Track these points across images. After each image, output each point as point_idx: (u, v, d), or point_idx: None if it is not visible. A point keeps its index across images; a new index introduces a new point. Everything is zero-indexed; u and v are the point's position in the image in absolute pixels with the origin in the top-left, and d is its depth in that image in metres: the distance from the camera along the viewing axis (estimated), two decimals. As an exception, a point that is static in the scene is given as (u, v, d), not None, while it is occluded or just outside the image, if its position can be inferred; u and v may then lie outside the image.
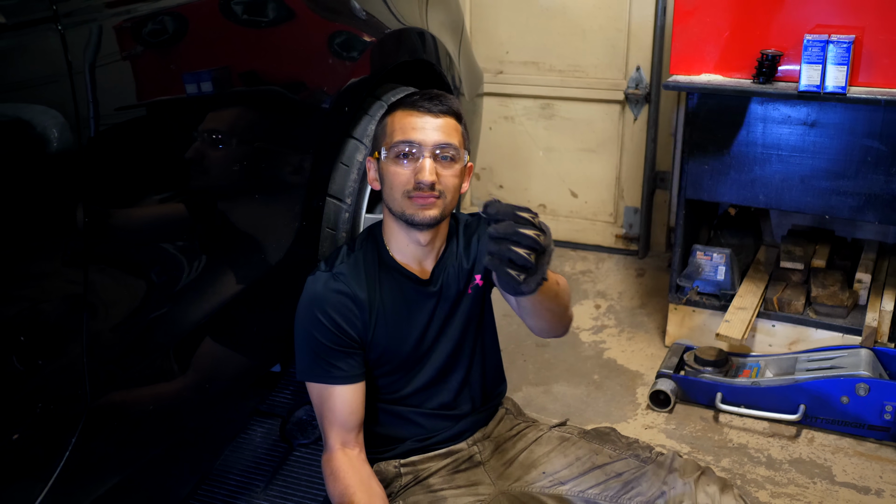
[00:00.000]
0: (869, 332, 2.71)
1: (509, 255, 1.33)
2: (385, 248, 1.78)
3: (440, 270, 1.81)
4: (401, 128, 1.69)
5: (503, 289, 1.42)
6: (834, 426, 2.62)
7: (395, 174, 1.67)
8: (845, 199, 2.69)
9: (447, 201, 1.69)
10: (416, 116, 1.69)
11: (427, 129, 1.67)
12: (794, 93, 2.60)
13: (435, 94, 1.73)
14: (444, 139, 1.67)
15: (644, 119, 3.76)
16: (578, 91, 3.85)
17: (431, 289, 1.80)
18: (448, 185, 1.67)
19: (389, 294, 1.77)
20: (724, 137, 2.79)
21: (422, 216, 1.66)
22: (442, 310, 1.81)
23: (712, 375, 2.76)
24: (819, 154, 2.68)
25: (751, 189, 2.80)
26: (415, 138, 1.66)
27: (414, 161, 1.66)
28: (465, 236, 1.86)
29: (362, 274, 1.75)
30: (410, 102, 1.72)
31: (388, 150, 1.69)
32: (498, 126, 4.07)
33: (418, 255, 1.77)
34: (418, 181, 1.64)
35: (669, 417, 2.72)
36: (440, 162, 1.66)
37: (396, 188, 1.67)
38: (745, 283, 3.04)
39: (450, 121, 1.70)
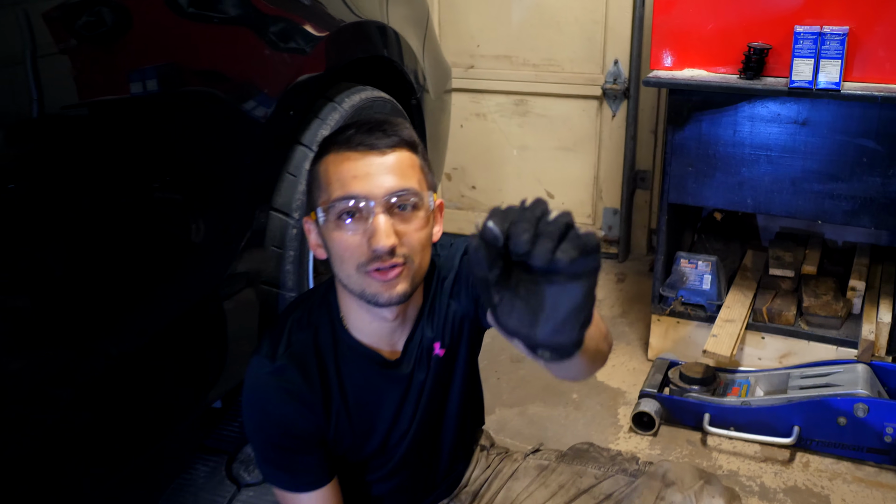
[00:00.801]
0: (866, 345, 2.52)
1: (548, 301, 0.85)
2: (342, 325, 1.44)
3: (414, 346, 1.47)
4: (338, 179, 1.30)
5: (530, 354, 0.90)
6: (830, 449, 2.44)
7: (342, 243, 1.30)
8: (839, 203, 2.50)
9: (417, 265, 1.33)
10: (356, 159, 1.30)
11: (373, 175, 1.29)
12: (784, 89, 2.41)
13: (376, 122, 1.36)
14: (399, 184, 1.29)
15: (623, 115, 3.56)
16: (554, 86, 3.65)
17: (402, 371, 1.47)
18: (414, 243, 1.31)
19: (351, 382, 1.45)
20: (708, 137, 2.59)
21: (388, 296, 1.31)
22: (414, 393, 1.49)
23: (699, 395, 2.57)
24: (811, 155, 2.49)
25: (738, 193, 2.60)
26: (358, 191, 1.28)
27: (363, 221, 1.29)
28: (441, 285, 1.50)
29: (313, 363, 1.41)
30: (345, 140, 1.33)
31: (327, 212, 1.31)
32: (469, 124, 3.86)
33: (385, 332, 1.44)
34: (374, 249, 1.27)
35: (654, 441, 2.52)
36: (398, 215, 1.30)
37: (347, 261, 1.31)
38: (733, 292, 2.85)
39: (403, 155, 1.33)
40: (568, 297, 0.83)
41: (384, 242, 1.27)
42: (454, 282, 1.50)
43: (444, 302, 1.49)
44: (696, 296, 2.81)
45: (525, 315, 0.84)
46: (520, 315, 0.84)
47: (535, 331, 0.84)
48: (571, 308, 0.83)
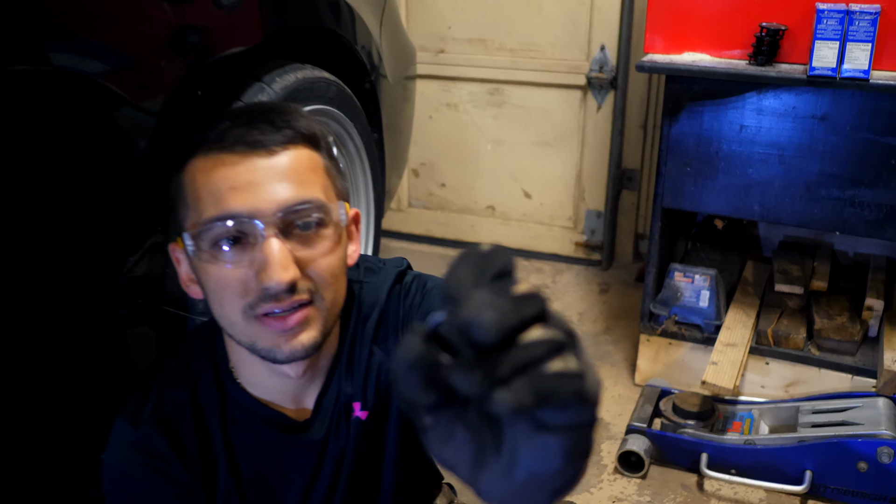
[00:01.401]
0: (889, 376, 2.18)
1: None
2: (231, 378, 1.08)
3: (328, 404, 1.10)
4: (209, 192, 0.94)
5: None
6: (848, 498, 2.09)
7: (221, 280, 0.94)
8: (861, 212, 2.15)
9: (328, 302, 0.98)
10: (234, 164, 0.94)
11: (259, 185, 0.93)
12: (803, 77, 2.05)
13: (260, 110, 1.00)
14: (297, 194, 0.94)
15: (609, 108, 3.20)
16: (533, 74, 3.28)
17: (313, 436, 1.09)
18: (322, 273, 0.96)
19: (244, 453, 1.08)
20: (710, 133, 2.23)
21: (289, 350, 0.96)
22: (330, 464, 1.11)
23: (695, 431, 2.21)
24: (830, 155, 2.13)
25: (744, 198, 2.25)
26: (239, 207, 0.92)
27: (248, 249, 0.93)
28: (361, 327, 1.13)
29: (189, 429, 1.05)
30: (217, 137, 0.96)
31: (197, 238, 0.95)
32: (439, 115, 3.48)
33: (289, 388, 1.08)
34: (265, 286, 0.92)
35: (643, 485, 2.17)
36: (298, 237, 0.95)
37: (229, 304, 0.95)
38: (733, 311, 2.49)
39: (300, 155, 0.97)
40: (538, 454, 0.46)
41: (280, 277, 0.91)
42: (379, 323, 1.13)
43: (366, 349, 1.12)
44: (692, 314, 2.45)
45: (467, 452, 0.48)
46: (460, 450, 0.48)
47: (478, 480, 0.48)
48: (540, 470, 0.47)
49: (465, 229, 3.60)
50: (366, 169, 2.13)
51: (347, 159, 2.08)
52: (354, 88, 2.06)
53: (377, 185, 2.21)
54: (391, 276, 1.15)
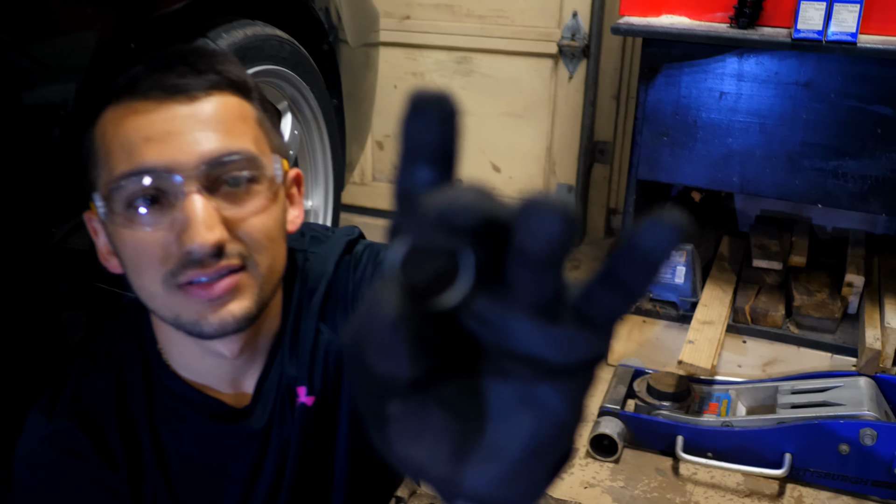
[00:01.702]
0: (871, 355, 2.09)
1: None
2: (160, 361, 0.95)
3: (270, 388, 0.97)
4: (121, 144, 0.81)
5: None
6: (828, 481, 2.01)
7: (137, 245, 0.82)
8: (845, 184, 2.05)
9: (264, 269, 0.85)
10: (148, 112, 0.81)
11: (178, 134, 0.80)
12: (787, 41, 1.94)
13: (178, 52, 0.86)
14: (223, 145, 0.81)
15: (581, 77, 3.08)
16: (502, 42, 3.14)
17: (254, 425, 0.97)
18: (255, 235, 0.83)
19: (175, 444, 0.96)
20: (689, 100, 2.12)
21: (217, 322, 0.83)
22: (274, 456, 0.98)
23: (671, 413, 2.12)
24: (814, 124, 2.03)
25: (724, 169, 2.14)
26: (154, 160, 0.79)
27: (168, 209, 0.81)
28: (307, 301, 1.00)
29: (112, 420, 0.93)
30: (128, 83, 0.83)
31: (109, 199, 0.82)
32: (405, 84, 3.34)
33: (225, 370, 0.95)
34: (187, 249, 0.78)
35: (616, 470, 2.07)
36: (225, 194, 0.82)
37: (147, 272, 0.82)
38: (709, 287, 2.40)
39: (227, 102, 0.84)
40: (537, 413, 0.34)
41: (203, 238, 0.78)
42: (326, 297, 1.00)
43: (312, 326, 0.99)
44: (668, 291, 2.35)
45: (446, 442, 0.36)
46: (436, 441, 0.36)
47: (463, 475, 0.36)
48: (540, 436, 0.35)
49: (431, 204, 3.47)
50: (324, 136, 1.99)
51: (303, 125, 1.94)
52: (311, 50, 1.92)
53: (336, 154, 2.07)
54: (340, 246, 1.02)
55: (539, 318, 0.32)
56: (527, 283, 0.32)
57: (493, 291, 0.33)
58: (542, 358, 0.33)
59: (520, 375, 0.34)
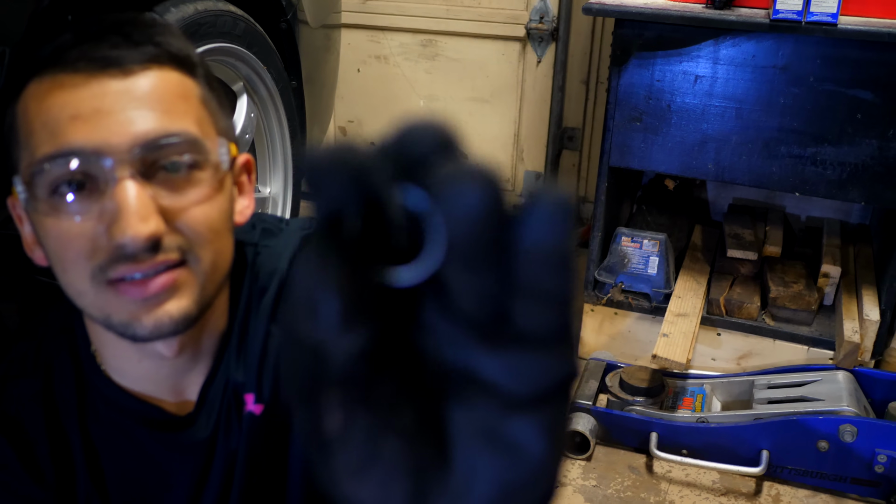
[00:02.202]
0: (849, 348, 2.03)
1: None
2: (93, 364, 0.85)
3: (216, 394, 0.87)
4: (44, 123, 0.70)
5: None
6: (806, 479, 1.95)
7: (62, 235, 0.71)
8: (823, 172, 1.99)
9: (207, 265, 0.75)
10: (76, 86, 0.70)
11: (109, 113, 0.69)
12: (765, 22, 1.87)
13: (112, 21, 0.74)
14: (161, 125, 0.71)
15: (550, 61, 2.99)
16: (468, 24, 3.04)
17: (197, 435, 0.87)
18: (197, 226, 0.73)
19: (110, 456, 0.86)
20: (662, 84, 2.04)
21: (152, 323, 0.72)
22: (220, 468, 0.88)
23: (644, 408, 2.04)
24: (791, 109, 1.96)
25: (698, 155, 2.07)
26: (81, 140, 0.69)
27: (97, 196, 0.70)
28: (257, 301, 0.89)
29: (40, 429, 0.83)
30: (54, 55, 0.72)
31: (31, 183, 0.71)
32: (368, 68, 3.23)
33: (164, 374, 0.84)
34: (117, 244, 0.68)
35: (588, 468, 1.99)
36: (163, 181, 0.71)
37: (73, 267, 0.72)
38: (683, 278, 2.33)
39: (167, 78, 0.74)
40: (510, 456, 0.28)
41: (136, 230, 0.67)
42: (279, 296, 0.89)
43: (262, 329, 0.88)
44: (640, 282, 2.28)
45: (402, 480, 0.29)
46: (389, 476, 0.29)
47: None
48: (514, 481, 0.28)
49: (396, 192, 3.37)
50: (282, 120, 1.89)
51: (260, 107, 1.83)
52: (268, 29, 1.81)
53: (296, 138, 1.96)
54: (294, 241, 0.92)
55: (485, 339, 0.27)
56: (460, 283, 0.27)
57: (441, 298, 0.27)
58: (500, 387, 0.28)
59: (486, 406, 0.28)
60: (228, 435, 0.88)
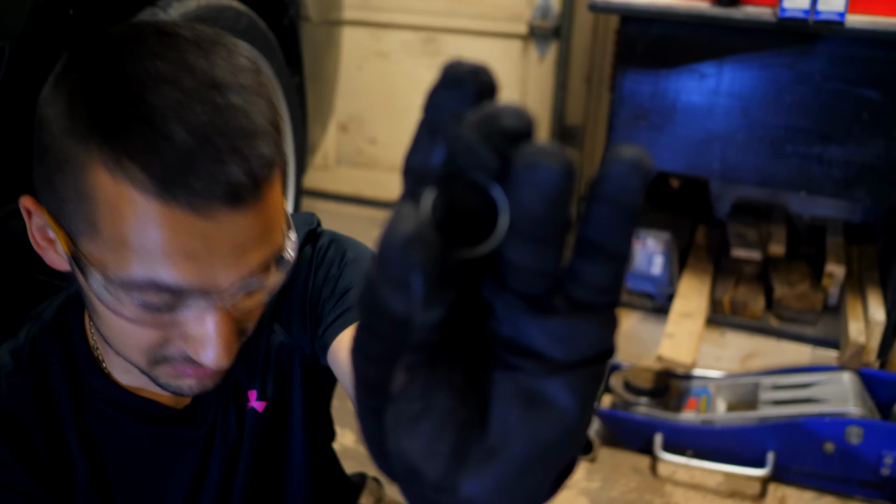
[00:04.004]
0: (854, 349, 2.02)
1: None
2: (88, 359, 0.82)
3: (214, 388, 0.81)
4: (143, 247, 0.61)
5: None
6: (812, 481, 1.93)
7: (127, 328, 0.67)
8: (830, 171, 1.97)
9: (253, 327, 0.74)
10: (185, 223, 0.60)
11: (215, 255, 0.63)
12: (772, 21, 1.85)
13: (223, 127, 0.60)
14: (261, 259, 0.66)
15: (552, 59, 2.97)
16: (470, 21, 3.03)
17: (197, 430, 0.86)
18: (256, 317, 0.72)
19: (109, 451, 0.85)
20: (668, 82, 2.03)
21: (196, 388, 0.73)
22: (218, 463, 0.87)
23: (649, 409, 2.02)
24: (798, 107, 1.95)
25: (704, 154, 2.05)
26: (188, 281, 0.63)
27: (179, 308, 0.65)
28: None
29: (34, 424, 0.81)
30: (161, 167, 0.59)
31: (112, 287, 0.64)
32: (369, 65, 3.21)
33: None
34: (193, 359, 0.68)
35: (592, 470, 1.97)
36: (243, 298, 0.68)
37: (133, 348, 0.69)
38: (687, 278, 2.31)
39: (269, 197, 0.65)
40: (546, 415, 0.31)
41: (220, 361, 0.66)
42: (282, 294, 0.87)
43: (265, 325, 0.86)
44: (644, 282, 2.26)
45: (448, 433, 0.32)
46: (438, 432, 0.31)
47: (459, 478, 0.31)
48: (547, 439, 0.31)
49: (397, 189, 3.33)
50: (283, 115, 1.86)
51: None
52: (271, 24, 1.79)
53: (298, 134, 1.95)
54: (300, 237, 0.90)
55: (533, 309, 0.30)
56: (523, 259, 0.28)
57: (493, 271, 0.30)
58: (544, 353, 0.30)
59: (527, 370, 0.31)
60: (227, 429, 0.87)
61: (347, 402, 2.10)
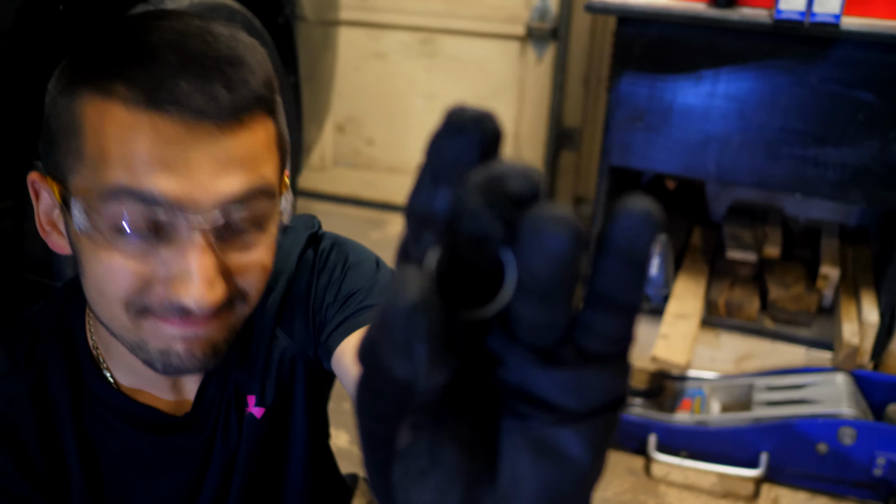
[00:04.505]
0: (848, 351, 2.02)
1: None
2: (90, 362, 0.82)
3: (215, 395, 0.85)
4: (123, 156, 0.63)
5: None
6: (805, 482, 1.93)
7: (111, 268, 0.67)
8: (825, 173, 1.97)
9: (253, 300, 0.73)
10: (168, 135, 0.63)
11: (197, 170, 0.64)
12: (768, 23, 1.85)
13: (214, 58, 0.65)
14: (248, 182, 0.67)
15: (550, 60, 2.98)
16: (468, 23, 3.03)
17: (196, 437, 0.85)
18: (255, 278, 0.71)
19: (107, 456, 0.84)
20: (664, 83, 2.03)
21: (184, 360, 0.71)
22: (217, 470, 0.87)
23: (643, 410, 2.03)
24: (794, 109, 1.95)
25: (700, 155, 2.05)
26: (165, 191, 0.63)
27: (161, 241, 0.66)
28: (262, 303, 0.85)
29: (31, 428, 0.80)
30: (145, 79, 0.63)
31: (92, 211, 0.65)
32: (367, 66, 3.22)
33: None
34: (178, 302, 0.66)
35: (586, 470, 1.98)
36: (230, 237, 0.68)
37: (113, 294, 0.68)
38: (682, 279, 2.31)
39: (257, 127, 0.67)
40: (557, 465, 0.31)
41: (203, 297, 0.65)
42: (285, 298, 0.86)
43: (267, 331, 0.86)
44: (639, 283, 2.26)
45: (456, 485, 0.32)
46: (446, 484, 0.32)
47: None
48: (558, 489, 0.31)
49: (394, 190, 3.36)
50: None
51: (258, 104, 1.81)
52: (266, 23, 1.79)
53: (293, 134, 1.94)
54: (301, 240, 0.89)
55: (542, 361, 0.29)
56: (531, 315, 0.28)
57: (500, 322, 0.30)
58: (554, 404, 0.30)
59: (538, 419, 0.30)
60: (227, 435, 0.86)
61: (343, 403, 2.10)
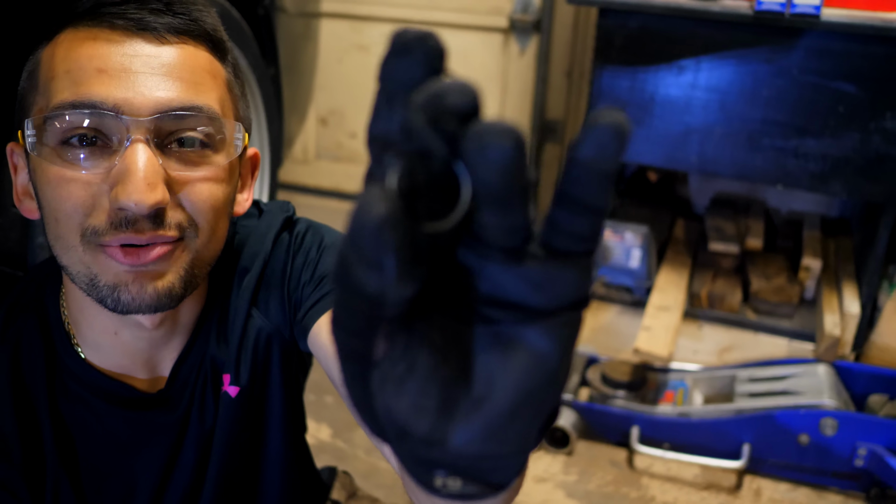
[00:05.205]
0: (830, 342, 2.03)
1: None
2: (64, 338, 0.82)
3: (190, 371, 0.85)
4: (68, 71, 0.70)
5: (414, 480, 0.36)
6: (787, 472, 1.94)
7: (64, 185, 0.69)
8: (806, 164, 1.98)
9: (202, 243, 0.74)
10: (108, 42, 0.70)
11: (134, 74, 0.69)
12: (749, 14, 1.85)
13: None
14: (184, 96, 0.70)
15: (533, 53, 2.97)
16: (450, 15, 3.02)
17: (170, 413, 0.85)
18: (202, 202, 0.72)
19: (81, 434, 0.83)
20: (646, 75, 2.02)
21: (138, 295, 0.70)
22: (193, 447, 0.86)
23: (626, 402, 2.03)
24: (775, 101, 1.95)
25: (681, 147, 2.05)
26: (104, 95, 0.68)
27: (106, 154, 0.69)
28: (238, 282, 0.87)
29: (7, 405, 0.80)
30: (92, 7, 0.71)
31: (42, 128, 0.70)
32: (350, 58, 3.20)
33: (140, 348, 0.82)
34: (119, 206, 0.67)
35: (569, 462, 1.97)
36: (176, 154, 0.71)
37: (67, 220, 0.69)
38: (665, 272, 2.31)
39: (198, 55, 0.73)
40: (527, 361, 0.32)
41: (142, 196, 0.66)
42: (261, 278, 0.87)
43: (243, 310, 0.86)
44: (622, 275, 2.26)
45: (433, 390, 0.33)
46: (423, 389, 0.33)
47: (448, 430, 0.33)
48: (530, 384, 0.33)
49: (376, 184, 3.33)
50: (258, 106, 1.85)
51: (236, 96, 1.80)
52: (245, 14, 1.78)
53: (273, 126, 1.93)
54: (277, 222, 0.90)
55: (510, 260, 0.31)
56: (493, 221, 0.30)
57: (467, 230, 0.31)
58: (523, 302, 0.31)
59: (505, 321, 0.32)
60: (203, 413, 0.86)
61: (324, 396, 2.09)
